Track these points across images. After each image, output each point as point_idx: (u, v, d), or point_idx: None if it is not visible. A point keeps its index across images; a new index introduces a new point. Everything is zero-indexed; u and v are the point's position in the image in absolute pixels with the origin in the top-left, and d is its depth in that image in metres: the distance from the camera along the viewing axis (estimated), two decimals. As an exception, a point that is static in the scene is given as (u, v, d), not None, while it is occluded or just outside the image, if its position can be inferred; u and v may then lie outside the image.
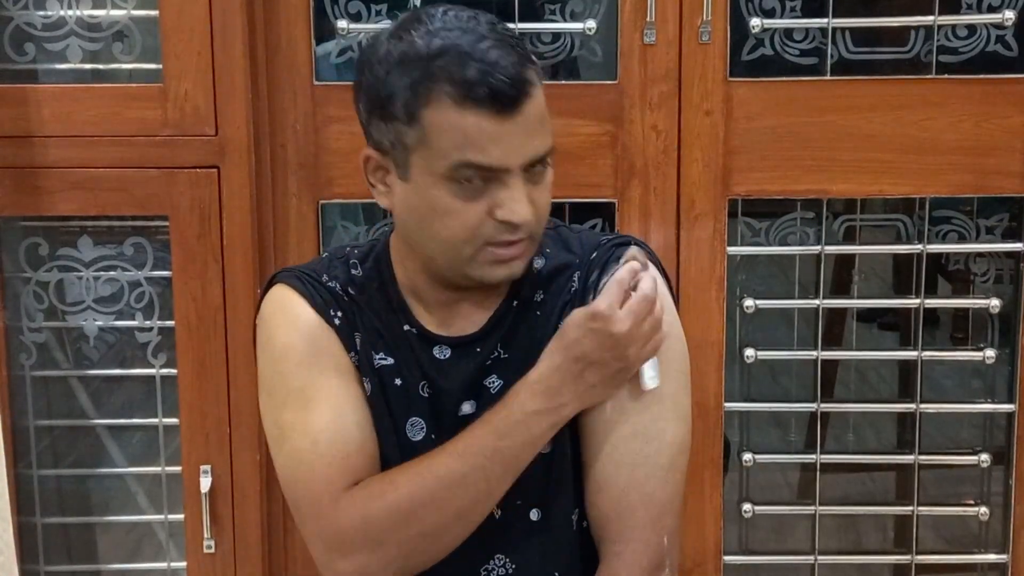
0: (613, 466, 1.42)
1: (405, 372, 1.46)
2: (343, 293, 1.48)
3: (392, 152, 1.38)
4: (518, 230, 1.36)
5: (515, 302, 1.47)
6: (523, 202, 1.35)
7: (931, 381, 2.16)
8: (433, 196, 1.36)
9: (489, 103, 1.31)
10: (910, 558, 2.17)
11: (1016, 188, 2.03)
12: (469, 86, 1.31)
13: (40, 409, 2.14)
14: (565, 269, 1.47)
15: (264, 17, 1.98)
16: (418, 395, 1.46)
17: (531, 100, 1.34)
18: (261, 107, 1.99)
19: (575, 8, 2.05)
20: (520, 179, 1.35)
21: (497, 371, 1.45)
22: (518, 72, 1.33)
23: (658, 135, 2.00)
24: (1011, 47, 2.04)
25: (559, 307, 1.45)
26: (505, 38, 1.35)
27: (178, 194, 1.97)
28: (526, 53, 1.37)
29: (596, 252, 1.47)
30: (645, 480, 1.42)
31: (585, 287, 1.45)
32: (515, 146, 1.34)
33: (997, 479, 2.17)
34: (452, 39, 1.33)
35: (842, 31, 2.04)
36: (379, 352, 1.47)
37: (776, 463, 2.23)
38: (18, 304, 2.10)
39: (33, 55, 2.03)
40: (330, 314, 1.46)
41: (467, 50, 1.32)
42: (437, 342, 1.47)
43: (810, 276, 2.13)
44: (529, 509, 1.46)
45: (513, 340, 1.46)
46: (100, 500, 2.23)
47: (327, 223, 2.09)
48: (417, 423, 1.46)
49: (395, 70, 1.35)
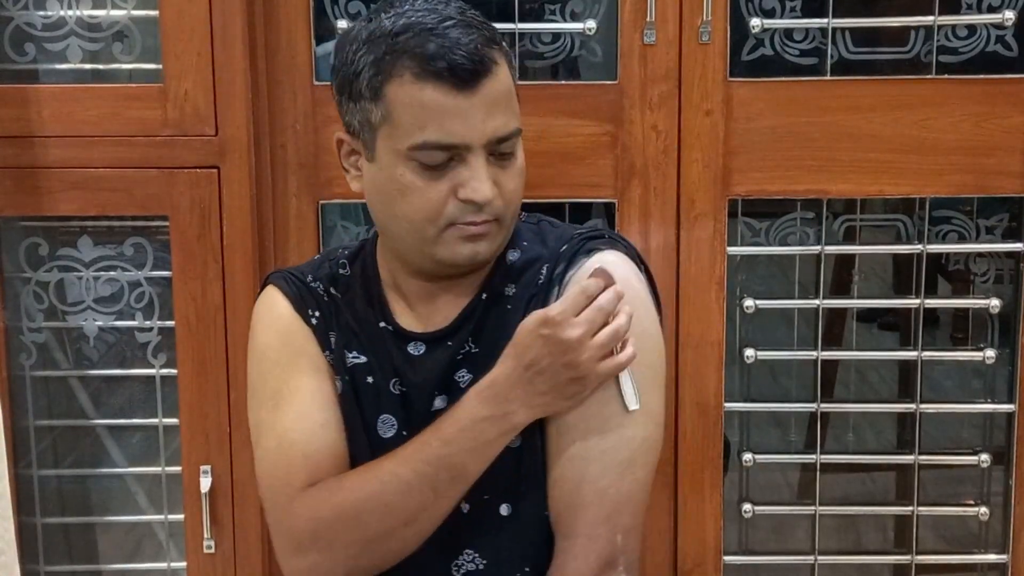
0: (568, 460, 1.41)
1: (377, 370, 1.48)
2: (324, 293, 1.52)
3: (361, 133, 1.41)
4: (481, 210, 1.38)
5: (485, 295, 1.47)
6: (485, 181, 1.37)
7: (931, 381, 2.16)
8: (397, 175, 1.38)
9: (447, 77, 1.34)
10: (910, 558, 2.17)
11: (1016, 188, 2.03)
12: (428, 60, 1.34)
13: (40, 409, 2.14)
14: (536, 262, 1.47)
15: (264, 17, 1.98)
16: (389, 392, 1.48)
17: (492, 78, 1.36)
18: (261, 107, 1.99)
19: (575, 8, 2.05)
20: (482, 158, 1.37)
21: (467, 365, 1.46)
22: (478, 49, 1.35)
23: (658, 135, 2.00)
24: (1011, 47, 2.04)
25: (526, 300, 1.45)
26: (471, 20, 1.38)
27: (178, 194, 1.97)
28: (492, 35, 1.40)
29: (567, 245, 1.47)
30: (599, 476, 1.40)
31: (551, 279, 1.45)
32: (475, 122, 1.35)
33: (997, 479, 2.17)
34: (417, 18, 1.36)
35: (842, 31, 2.04)
36: (352, 351, 1.49)
37: (776, 463, 2.23)
38: (18, 304, 2.10)
39: (33, 55, 2.03)
40: (308, 313, 1.51)
41: (430, 26, 1.35)
42: (412, 339, 1.48)
43: (810, 276, 2.13)
44: (499, 504, 1.45)
45: (483, 333, 1.46)
46: (100, 500, 2.23)
47: (327, 223, 2.09)
48: (388, 420, 1.48)
49: (362, 49, 1.38)
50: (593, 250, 1.46)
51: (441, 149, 1.36)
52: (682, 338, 2.03)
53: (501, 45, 1.40)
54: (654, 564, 2.09)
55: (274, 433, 1.47)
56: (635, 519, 1.43)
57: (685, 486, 2.07)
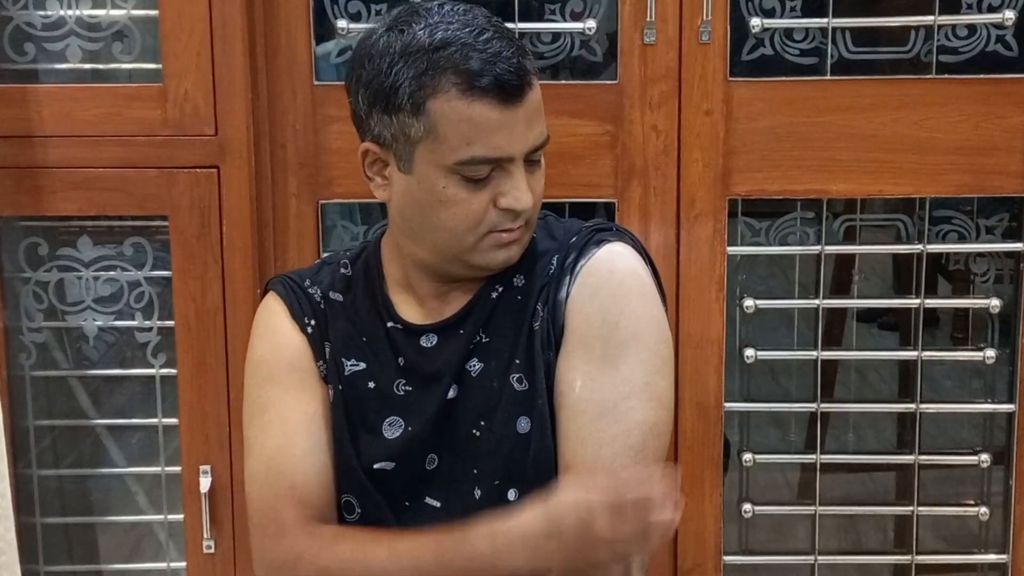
0: (579, 444, 1.41)
1: (378, 374, 1.49)
2: (321, 299, 1.53)
3: (393, 145, 1.41)
4: (519, 217, 1.41)
5: (498, 286, 1.48)
6: (525, 190, 1.40)
7: (931, 381, 2.16)
8: (439, 188, 1.39)
9: (494, 92, 1.35)
10: (910, 558, 2.17)
11: (1016, 188, 2.03)
12: (475, 76, 1.35)
13: (40, 409, 2.14)
14: (546, 253, 1.49)
15: (264, 17, 1.98)
16: (393, 394, 1.48)
17: (532, 90, 1.39)
18: (261, 107, 1.99)
19: (575, 8, 2.05)
20: (522, 168, 1.40)
21: (478, 354, 1.47)
22: (519, 62, 1.37)
23: (658, 135, 2.00)
24: (1011, 47, 2.04)
25: (537, 289, 1.46)
26: (502, 31, 1.40)
27: (178, 194, 1.97)
28: (522, 45, 1.42)
29: (576, 236, 1.49)
30: (612, 460, 1.40)
31: (562, 268, 1.46)
32: (518, 135, 1.38)
33: (997, 479, 2.17)
34: (453, 31, 1.37)
35: (842, 31, 2.04)
36: (351, 359, 1.50)
37: (776, 463, 2.23)
38: (18, 304, 2.10)
39: (33, 55, 2.03)
40: (304, 321, 1.51)
41: (470, 41, 1.36)
42: (423, 332, 1.49)
43: (810, 276, 2.13)
44: (507, 489, 1.45)
45: (493, 323, 1.47)
46: (100, 500, 2.23)
47: (327, 223, 2.09)
48: (395, 421, 1.48)
49: (399, 62, 1.37)
50: (603, 241, 1.47)
51: (487, 163, 1.38)
52: (682, 338, 2.03)
53: (530, 55, 1.42)
54: (654, 564, 2.09)
55: (263, 456, 1.49)
56: None
57: (685, 486, 2.07)
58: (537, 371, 1.44)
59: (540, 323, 1.45)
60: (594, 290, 1.44)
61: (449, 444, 1.47)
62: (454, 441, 1.47)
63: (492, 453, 1.45)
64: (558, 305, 1.45)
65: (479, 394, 1.46)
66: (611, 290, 1.44)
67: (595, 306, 1.43)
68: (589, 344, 1.43)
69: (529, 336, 1.45)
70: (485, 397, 1.46)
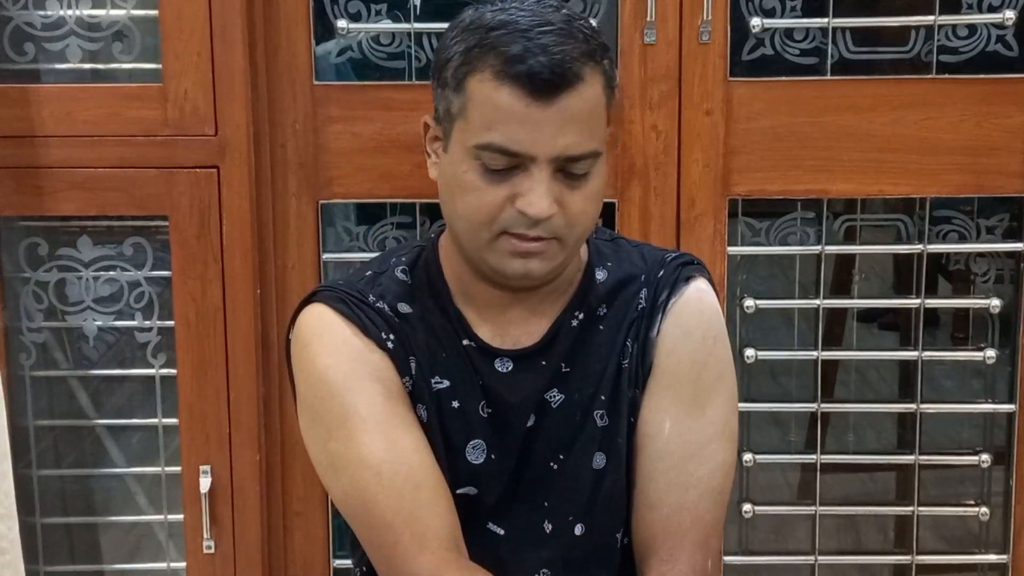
0: (666, 485, 1.41)
1: (462, 394, 1.42)
2: (393, 313, 1.42)
3: (443, 121, 1.37)
4: (536, 225, 1.32)
5: (579, 313, 1.44)
6: (543, 196, 1.31)
7: (931, 381, 2.16)
8: (462, 171, 1.34)
9: (525, 82, 1.29)
10: (910, 558, 2.17)
11: (1016, 188, 2.03)
12: (511, 61, 1.29)
13: (40, 409, 2.14)
14: (630, 283, 1.46)
15: (264, 17, 1.98)
16: (477, 416, 1.43)
17: (573, 93, 1.30)
18: (261, 107, 1.99)
19: (575, 8, 2.05)
20: (546, 172, 1.31)
21: (559, 385, 1.44)
22: (565, 60, 1.29)
23: (658, 135, 2.00)
24: (1011, 47, 2.04)
25: (625, 324, 1.44)
26: (575, 30, 1.32)
27: (178, 194, 1.97)
28: (592, 49, 1.32)
29: (663, 270, 1.46)
30: (697, 502, 1.41)
31: (654, 307, 1.44)
32: (543, 135, 1.30)
33: (997, 479, 2.17)
34: (516, 15, 1.32)
35: (842, 31, 2.04)
36: (435, 375, 1.42)
37: (776, 463, 2.22)
38: (18, 304, 2.10)
39: (33, 55, 2.03)
40: (382, 338, 1.40)
41: (523, 27, 1.30)
42: (498, 355, 1.43)
43: (810, 276, 2.12)
44: (575, 524, 1.44)
45: (575, 354, 1.44)
46: (100, 500, 2.23)
47: (327, 223, 2.09)
48: (479, 445, 1.43)
49: (459, 36, 1.34)
50: (690, 277, 1.46)
51: (505, 154, 1.30)
52: (682, 338, 2.02)
53: (600, 62, 1.33)
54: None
55: (366, 464, 1.35)
56: (720, 541, 1.47)
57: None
58: (621, 408, 1.43)
59: (629, 360, 1.43)
60: (686, 331, 1.43)
61: (522, 474, 1.44)
62: (528, 471, 1.44)
63: (566, 488, 1.44)
64: (649, 343, 1.43)
65: (558, 426, 1.43)
66: (701, 332, 1.43)
67: (687, 347, 1.43)
68: (678, 385, 1.42)
69: (617, 372, 1.43)
70: (565, 430, 1.43)
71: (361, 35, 2.05)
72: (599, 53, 1.33)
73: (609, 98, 1.36)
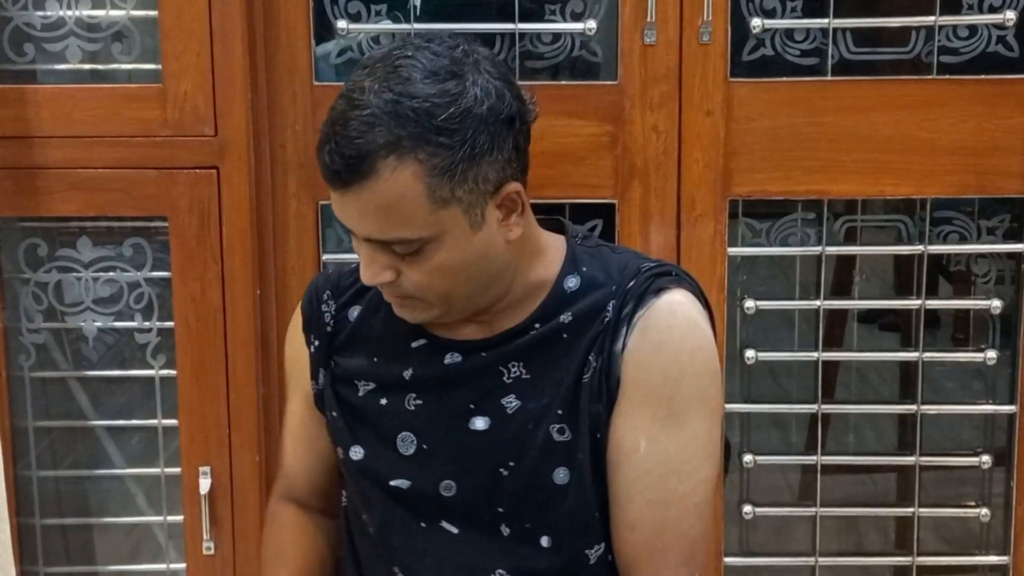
0: (646, 505, 1.41)
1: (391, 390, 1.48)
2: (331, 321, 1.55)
3: None
4: (385, 287, 1.40)
5: (538, 324, 1.44)
6: (365, 267, 1.38)
7: (932, 382, 2.16)
8: None
9: (322, 168, 1.35)
10: (911, 560, 2.17)
11: (1017, 189, 2.03)
12: (319, 146, 1.35)
13: (39, 410, 2.14)
14: (597, 290, 1.44)
15: (264, 17, 1.98)
16: (404, 410, 1.46)
17: (365, 185, 1.30)
18: (261, 107, 1.99)
19: (575, 8, 2.05)
20: (365, 245, 1.37)
21: (516, 391, 1.43)
22: (358, 154, 1.29)
23: (658, 136, 1.99)
24: (1012, 47, 2.04)
25: (589, 337, 1.42)
26: (395, 114, 1.28)
27: (177, 194, 1.97)
28: (404, 138, 1.28)
29: (633, 281, 1.43)
30: (679, 519, 1.41)
31: (619, 319, 1.41)
32: (351, 217, 1.36)
33: (998, 480, 2.17)
34: (347, 89, 1.34)
35: (843, 31, 2.04)
36: (361, 380, 1.50)
37: (777, 464, 2.22)
38: (17, 305, 2.10)
39: (32, 55, 2.02)
40: (310, 339, 1.56)
41: (338, 111, 1.33)
42: (449, 348, 1.46)
43: (811, 277, 2.12)
44: (539, 535, 1.44)
45: (534, 359, 1.43)
46: (99, 501, 2.23)
47: (327, 223, 2.09)
48: (408, 437, 1.46)
49: None
50: (662, 289, 1.42)
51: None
52: (682, 339, 2.02)
53: (413, 152, 1.28)
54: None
55: (282, 441, 1.67)
56: (707, 555, 1.47)
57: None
58: (581, 424, 1.41)
59: (591, 375, 1.41)
60: (656, 346, 1.39)
61: (470, 475, 1.44)
62: (476, 474, 1.44)
63: (521, 496, 1.43)
64: (614, 357, 1.40)
65: (509, 432, 1.43)
66: (674, 346, 1.39)
67: (656, 362, 1.39)
68: (652, 402, 1.40)
69: (575, 385, 1.41)
70: (515, 437, 1.42)
71: (361, 36, 2.05)
72: (417, 141, 1.29)
73: (436, 186, 1.30)
